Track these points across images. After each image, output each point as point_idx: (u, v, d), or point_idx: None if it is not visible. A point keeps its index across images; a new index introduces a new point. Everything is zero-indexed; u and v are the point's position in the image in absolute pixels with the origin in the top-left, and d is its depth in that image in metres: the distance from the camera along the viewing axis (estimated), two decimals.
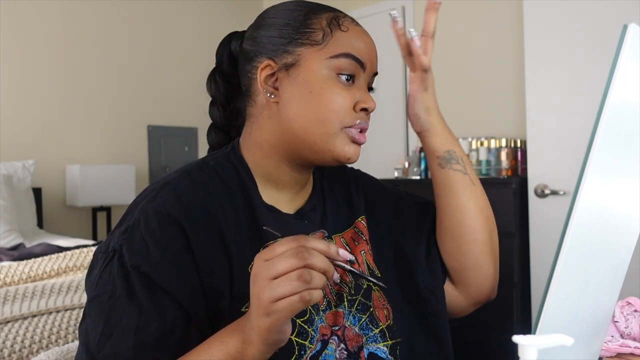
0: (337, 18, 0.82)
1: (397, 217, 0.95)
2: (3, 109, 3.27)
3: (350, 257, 0.66)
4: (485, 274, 0.93)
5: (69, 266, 2.15)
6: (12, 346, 1.51)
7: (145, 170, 3.91)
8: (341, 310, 0.81)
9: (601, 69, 2.40)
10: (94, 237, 3.51)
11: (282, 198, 0.85)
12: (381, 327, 0.83)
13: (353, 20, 0.84)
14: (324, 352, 0.76)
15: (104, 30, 3.71)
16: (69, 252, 2.27)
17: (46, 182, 3.44)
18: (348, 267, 0.66)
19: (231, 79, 0.90)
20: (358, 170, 1.01)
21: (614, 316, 0.95)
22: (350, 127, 0.80)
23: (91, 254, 2.26)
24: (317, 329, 0.77)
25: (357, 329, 0.81)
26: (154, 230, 0.73)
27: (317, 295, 0.60)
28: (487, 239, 0.91)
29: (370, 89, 0.85)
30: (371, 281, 0.70)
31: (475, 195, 0.90)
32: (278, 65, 0.81)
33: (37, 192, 3.29)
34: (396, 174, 3.18)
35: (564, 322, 0.53)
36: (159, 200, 0.76)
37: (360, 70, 0.81)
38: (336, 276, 0.64)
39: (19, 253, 2.39)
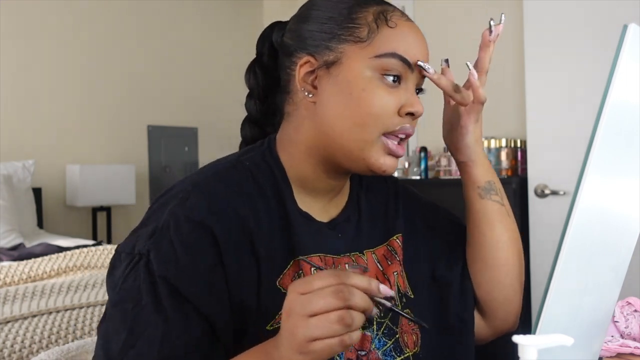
0: (385, 12, 0.75)
1: (434, 236, 0.90)
2: (3, 109, 3.27)
3: (390, 293, 0.61)
4: (514, 307, 0.88)
5: (69, 266, 2.15)
6: (12, 346, 1.51)
7: (145, 170, 3.91)
8: (369, 333, 0.77)
9: (601, 69, 2.40)
10: (94, 237, 3.51)
11: (316, 205, 0.80)
12: (407, 355, 0.79)
13: (403, 14, 0.77)
14: None
15: (104, 30, 3.71)
16: (69, 252, 2.26)
17: (46, 182, 3.44)
18: (388, 304, 0.61)
19: (271, 72, 0.84)
20: (398, 181, 0.95)
21: (614, 316, 0.95)
22: (391, 133, 0.74)
23: (91, 254, 2.27)
24: (342, 353, 0.73)
25: (380, 354, 0.77)
26: (185, 239, 0.68)
27: (356, 337, 0.57)
28: (518, 272, 0.87)
29: (419, 90, 0.79)
30: (413, 321, 0.65)
31: (510, 227, 0.86)
32: (318, 63, 0.75)
33: (37, 192, 3.29)
34: (396, 174, 3.18)
35: (564, 322, 0.53)
36: (190, 204, 0.70)
37: (407, 71, 0.74)
38: (375, 311, 0.60)
39: (19, 253, 2.39)
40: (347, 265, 0.68)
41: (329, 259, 0.78)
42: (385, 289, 0.60)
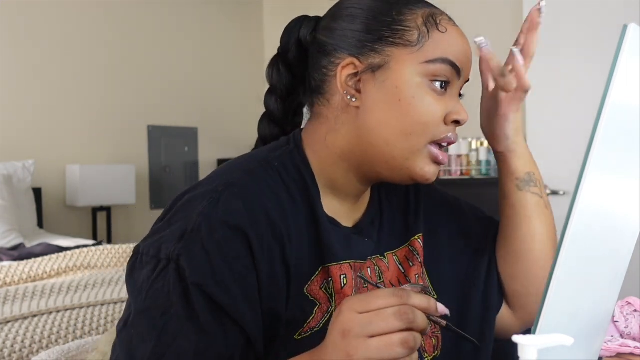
0: (434, 16, 0.72)
1: (458, 233, 0.87)
2: (3, 109, 3.27)
3: (446, 311, 0.58)
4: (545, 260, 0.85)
5: (69, 266, 2.15)
6: (12, 346, 1.51)
7: (145, 170, 3.91)
8: None
9: (601, 69, 2.40)
10: (94, 237, 3.51)
11: (342, 209, 0.77)
12: (426, 359, 0.76)
13: (450, 19, 0.75)
14: None
15: (104, 31, 3.71)
16: (69, 252, 2.27)
17: (46, 182, 3.44)
18: (444, 323, 0.59)
19: (295, 69, 0.80)
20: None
21: (614, 316, 0.95)
22: (436, 141, 0.72)
23: (91, 254, 2.27)
24: None
25: None
26: (219, 244, 0.64)
27: (415, 357, 0.55)
28: (553, 248, 0.84)
29: (459, 95, 0.76)
30: (466, 338, 0.62)
31: (548, 220, 0.83)
32: (363, 65, 0.71)
33: (37, 192, 3.29)
34: None
35: (564, 322, 0.53)
36: (224, 206, 0.65)
37: (455, 77, 0.72)
38: (428, 330, 0.57)
39: (19, 253, 2.39)
40: (407, 285, 0.64)
41: (357, 264, 0.75)
42: (442, 308, 0.58)
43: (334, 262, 0.71)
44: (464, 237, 0.87)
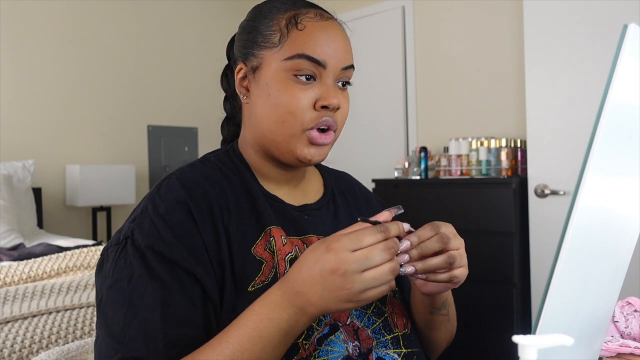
0: (296, 16, 0.82)
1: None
2: (3, 109, 3.27)
3: (408, 226, 0.72)
4: (445, 345, 0.98)
5: (69, 266, 2.15)
6: (12, 346, 1.51)
7: (145, 170, 3.91)
8: None
9: (601, 69, 2.40)
10: (94, 237, 3.51)
11: (280, 191, 0.88)
12: (396, 334, 0.84)
13: (318, 14, 0.83)
14: (330, 337, 0.78)
15: (104, 30, 3.71)
16: (69, 252, 2.26)
17: (46, 182, 3.44)
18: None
19: None
20: (367, 191, 1.05)
21: (614, 316, 0.95)
22: (312, 128, 0.81)
23: (91, 254, 2.27)
24: (327, 314, 0.79)
25: (369, 332, 0.82)
26: (163, 215, 0.75)
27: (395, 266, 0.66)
28: (450, 339, 0.97)
29: (345, 83, 0.84)
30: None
31: (449, 330, 0.94)
32: (247, 68, 0.85)
33: (37, 192, 3.29)
34: (396, 174, 3.17)
35: (564, 322, 0.53)
36: (165, 188, 0.79)
37: (320, 69, 0.80)
38: (406, 227, 0.71)
39: (19, 253, 2.39)
40: (388, 209, 0.74)
41: (307, 239, 0.85)
42: (407, 227, 0.71)
43: (273, 225, 0.82)
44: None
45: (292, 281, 0.66)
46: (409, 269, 0.74)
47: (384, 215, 0.71)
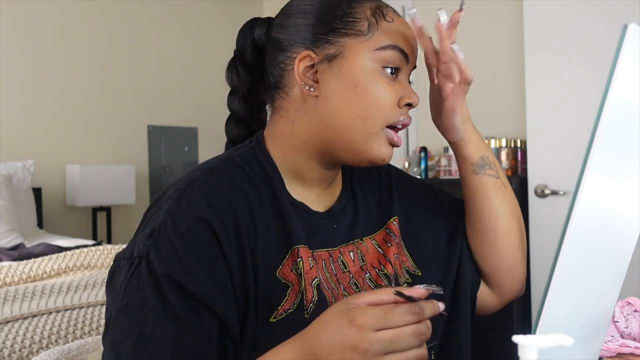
0: (380, 7, 0.78)
1: (433, 215, 0.92)
2: (3, 109, 3.27)
3: (443, 307, 0.61)
4: (519, 275, 0.90)
5: (69, 266, 2.15)
6: (12, 346, 1.51)
7: (145, 170, 3.91)
8: None
9: (601, 69, 2.40)
10: (94, 237, 3.51)
11: (310, 195, 0.81)
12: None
13: (395, 10, 0.81)
14: None
15: (104, 30, 3.71)
16: (69, 252, 2.26)
17: (46, 182, 3.44)
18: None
19: (253, 69, 0.85)
20: (390, 166, 0.96)
21: (614, 316, 0.95)
22: (393, 125, 0.77)
23: (91, 254, 2.27)
24: None
25: None
26: (184, 235, 0.67)
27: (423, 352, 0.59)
28: (520, 241, 0.89)
29: (409, 82, 0.81)
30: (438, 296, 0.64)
31: (508, 198, 0.87)
32: (319, 57, 0.76)
33: (37, 192, 3.29)
34: None
35: (564, 322, 0.53)
36: (187, 201, 0.70)
37: (404, 63, 0.78)
38: (441, 307, 0.61)
39: (19, 253, 2.39)
40: (422, 285, 0.65)
41: (335, 252, 0.79)
42: (442, 306, 0.60)
43: (301, 245, 0.74)
44: (439, 219, 0.92)
45: (310, 342, 0.60)
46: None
47: (419, 292, 0.60)
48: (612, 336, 0.92)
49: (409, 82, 0.81)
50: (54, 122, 3.49)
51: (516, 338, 0.45)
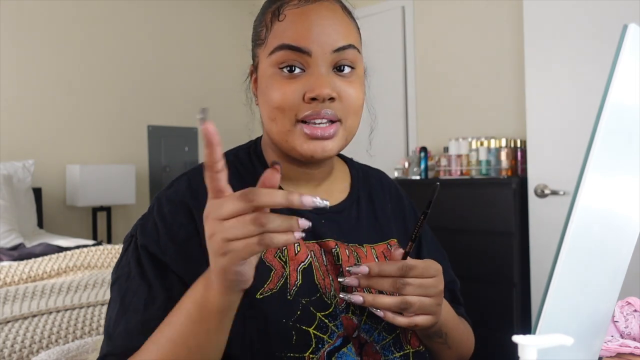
0: (279, 7, 0.78)
1: (435, 249, 0.97)
2: (3, 109, 3.27)
3: (308, 224, 0.59)
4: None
5: (69, 266, 2.15)
6: (12, 346, 1.51)
7: (145, 170, 3.91)
8: (355, 321, 0.79)
9: (601, 69, 2.40)
10: (94, 237, 3.51)
11: (299, 191, 0.83)
12: (407, 351, 0.81)
13: (305, 1, 0.77)
14: (342, 349, 0.76)
15: (104, 30, 3.71)
16: (69, 252, 2.26)
17: (46, 182, 3.44)
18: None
19: None
20: (403, 197, 0.98)
21: (614, 316, 0.95)
22: (303, 119, 0.75)
23: (91, 254, 2.27)
24: (340, 325, 0.77)
25: (378, 347, 0.79)
26: (165, 216, 0.77)
27: (277, 239, 0.57)
28: (469, 347, 0.94)
29: (340, 68, 0.77)
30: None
31: (455, 355, 0.89)
32: (253, 69, 0.84)
33: (37, 192, 3.29)
34: (396, 174, 3.17)
35: (564, 322, 0.53)
36: (173, 188, 0.80)
37: (305, 57, 0.75)
38: (304, 223, 0.59)
39: (19, 253, 2.39)
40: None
41: (327, 244, 0.82)
42: (304, 222, 0.58)
43: None
44: (439, 253, 0.96)
45: None
46: (356, 297, 0.72)
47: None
48: (612, 336, 0.92)
49: (342, 68, 0.77)
50: (54, 122, 3.49)
51: (516, 338, 0.45)
